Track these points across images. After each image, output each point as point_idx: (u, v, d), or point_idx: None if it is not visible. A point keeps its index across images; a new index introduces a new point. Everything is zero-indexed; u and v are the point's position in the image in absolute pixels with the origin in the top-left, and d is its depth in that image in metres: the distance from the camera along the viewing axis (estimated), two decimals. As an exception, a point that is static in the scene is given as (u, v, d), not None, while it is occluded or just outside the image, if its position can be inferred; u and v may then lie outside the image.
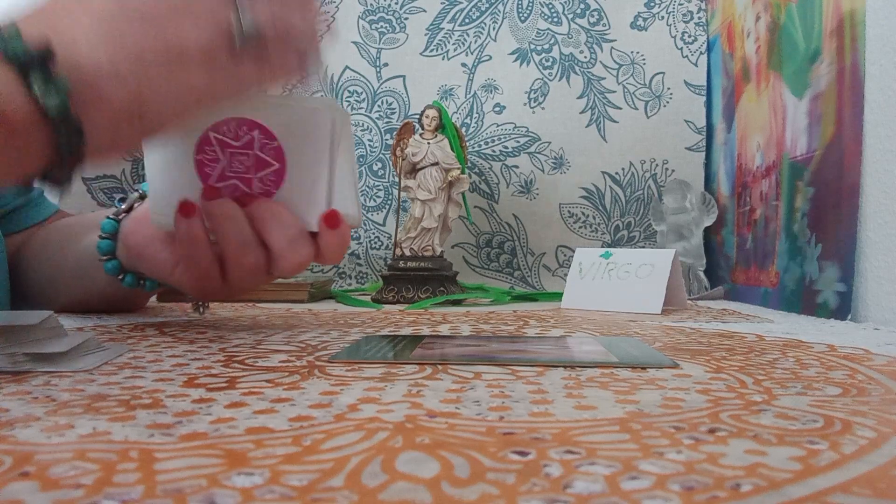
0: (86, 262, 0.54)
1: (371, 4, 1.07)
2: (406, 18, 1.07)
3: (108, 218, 0.51)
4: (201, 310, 0.55)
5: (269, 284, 0.77)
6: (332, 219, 0.41)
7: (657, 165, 1.03)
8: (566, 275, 0.76)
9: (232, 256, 0.42)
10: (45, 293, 0.58)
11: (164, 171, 0.43)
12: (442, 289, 0.78)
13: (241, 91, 0.36)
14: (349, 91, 1.06)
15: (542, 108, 1.04)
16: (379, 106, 1.06)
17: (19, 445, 0.18)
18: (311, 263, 0.43)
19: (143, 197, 0.51)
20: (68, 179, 0.33)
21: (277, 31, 0.36)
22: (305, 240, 0.42)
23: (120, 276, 0.51)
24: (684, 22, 1.04)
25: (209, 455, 0.17)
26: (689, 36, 1.03)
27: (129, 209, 0.52)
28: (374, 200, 1.05)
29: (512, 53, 1.05)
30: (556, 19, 1.05)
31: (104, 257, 0.51)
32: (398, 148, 0.87)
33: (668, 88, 1.03)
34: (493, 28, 1.06)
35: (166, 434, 0.19)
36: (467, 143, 1.01)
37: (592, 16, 1.05)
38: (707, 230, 0.95)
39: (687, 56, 1.03)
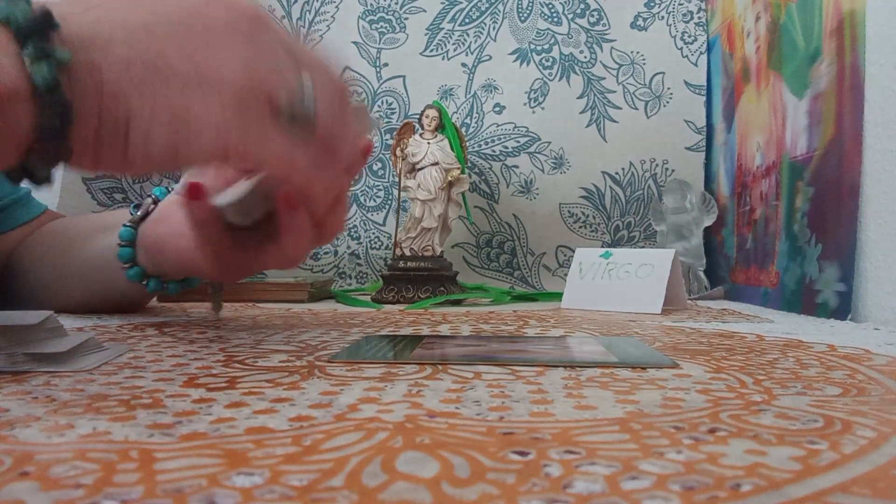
0: (95, 264, 0.54)
1: (371, 4, 1.07)
2: (406, 18, 1.07)
3: (125, 226, 0.52)
4: (218, 309, 0.55)
5: (269, 284, 0.78)
6: None
7: (657, 165, 1.03)
8: (566, 275, 0.76)
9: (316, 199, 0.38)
10: (43, 296, 0.58)
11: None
12: (442, 289, 0.78)
13: (263, 166, 0.34)
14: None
15: (542, 108, 1.04)
16: (379, 106, 1.06)
17: (19, 445, 0.18)
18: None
19: (156, 202, 0.52)
20: (48, 173, 0.29)
21: (330, 127, 0.33)
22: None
23: (144, 282, 0.52)
24: (684, 22, 1.03)
25: (209, 455, 0.17)
26: (689, 36, 1.03)
27: (146, 215, 0.52)
28: (374, 200, 1.05)
29: (512, 53, 1.05)
30: (556, 19, 1.05)
31: (126, 265, 0.52)
32: (398, 148, 0.87)
33: (668, 88, 1.03)
34: (493, 28, 1.06)
35: (166, 434, 0.19)
36: (467, 143, 1.01)
37: (592, 16, 1.05)
38: (707, 230, 0.95)
39: (687, 56, 1.03)
